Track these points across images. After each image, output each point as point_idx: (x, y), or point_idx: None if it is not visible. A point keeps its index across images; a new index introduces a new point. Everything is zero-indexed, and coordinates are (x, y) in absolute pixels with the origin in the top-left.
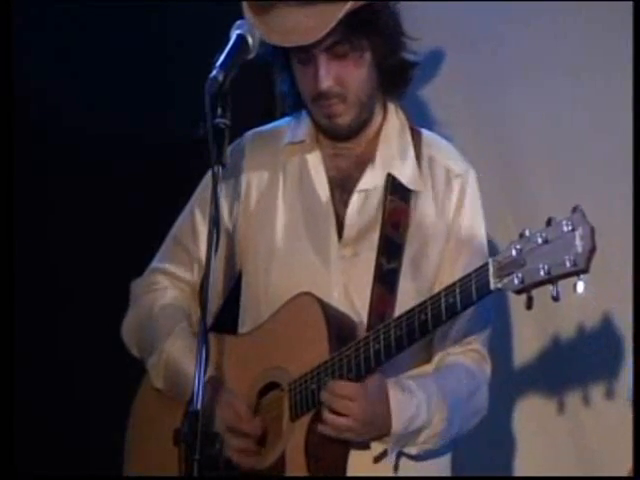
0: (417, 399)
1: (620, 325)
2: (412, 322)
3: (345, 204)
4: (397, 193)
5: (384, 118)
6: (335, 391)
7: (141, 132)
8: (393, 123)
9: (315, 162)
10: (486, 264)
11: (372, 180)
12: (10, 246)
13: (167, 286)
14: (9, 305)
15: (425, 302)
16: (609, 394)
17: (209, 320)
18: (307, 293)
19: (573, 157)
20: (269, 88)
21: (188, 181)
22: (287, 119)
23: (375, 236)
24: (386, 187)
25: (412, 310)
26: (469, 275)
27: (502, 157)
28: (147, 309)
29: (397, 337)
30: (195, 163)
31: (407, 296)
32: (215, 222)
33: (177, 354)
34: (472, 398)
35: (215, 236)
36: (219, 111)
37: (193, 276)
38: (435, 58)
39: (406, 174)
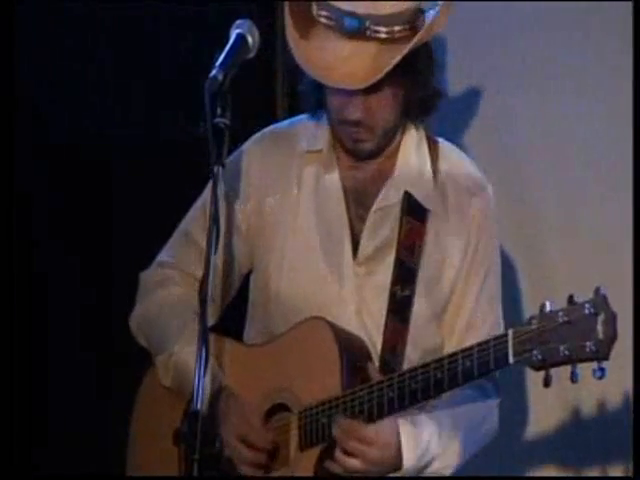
0: (428, 433)
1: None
2: (427, 378)
3: (361, 219)
4: (413, 213)
5: (403, 132)
6: (350, 432)
7: (141, 130)
8: (412, 137)
9: (332, 174)
10: (505, 335)
11: (389, 198)
12: (10, 246)
13: (178, 282)
14: (9, 305)
15: (442, 360)
16: (627, 472)
17: (217, 314)
18: (320, 318)
19: (576, 163)
20: (269, 88)
21: (188, 180)
22: (304, 118)
23: (389, 258)
24: (403, 206)
25: (428, 365)
26: (487, 342)
27: (505, 168)
28: (157, 305)
29: (412, 390)
30: (196, 162)
31: (420, 322)
32: (215, 221)
33: (187, 358)
34: (483, 423)
35: (215, 235)
36: (219, 111)
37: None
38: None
39: (423, 192)
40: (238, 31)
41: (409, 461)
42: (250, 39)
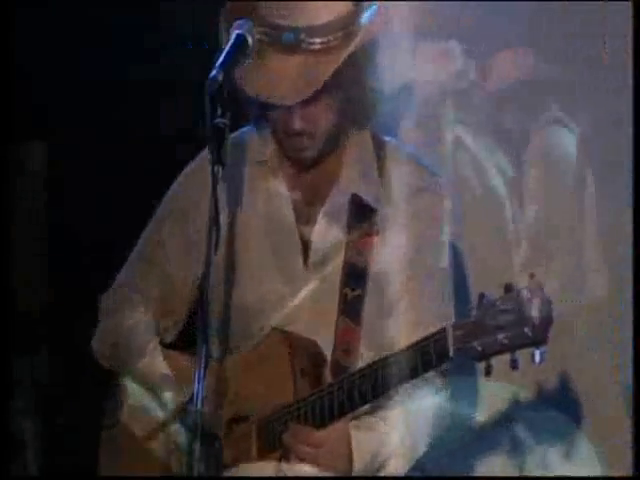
0: (379, 435)
1: (577, 387)
2: (375, 377)
3: (310, 224)
4: (361, 214)
5: (347, 135)
6: (299, 437)
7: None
8: (357, 138)
9: (279, 183)
10: (444, 330)
11: (337, 201)
12: (10, 245)
13: (135, 304)
14: (9, 304)
15: (387, 359)
16: (567, 456)
17: (177, 329)
18: (275, 328)
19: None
20: None
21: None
22: (250, 129)
23: (339, 260)
24: (350, 209)
25: (374, 364)
26: (428, 338)
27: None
28: (117, 327)
29: (360, 391)
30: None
31: (372, 320)
32: (215, 222)
33: (150, 371)
34: (434, 417)
35: (215, 236)
36: (219, 111)
37: (161, 291)
38: None
39: (371, 193)
40: (238, 31)
41: (360, 464)
42: (250, 39)
